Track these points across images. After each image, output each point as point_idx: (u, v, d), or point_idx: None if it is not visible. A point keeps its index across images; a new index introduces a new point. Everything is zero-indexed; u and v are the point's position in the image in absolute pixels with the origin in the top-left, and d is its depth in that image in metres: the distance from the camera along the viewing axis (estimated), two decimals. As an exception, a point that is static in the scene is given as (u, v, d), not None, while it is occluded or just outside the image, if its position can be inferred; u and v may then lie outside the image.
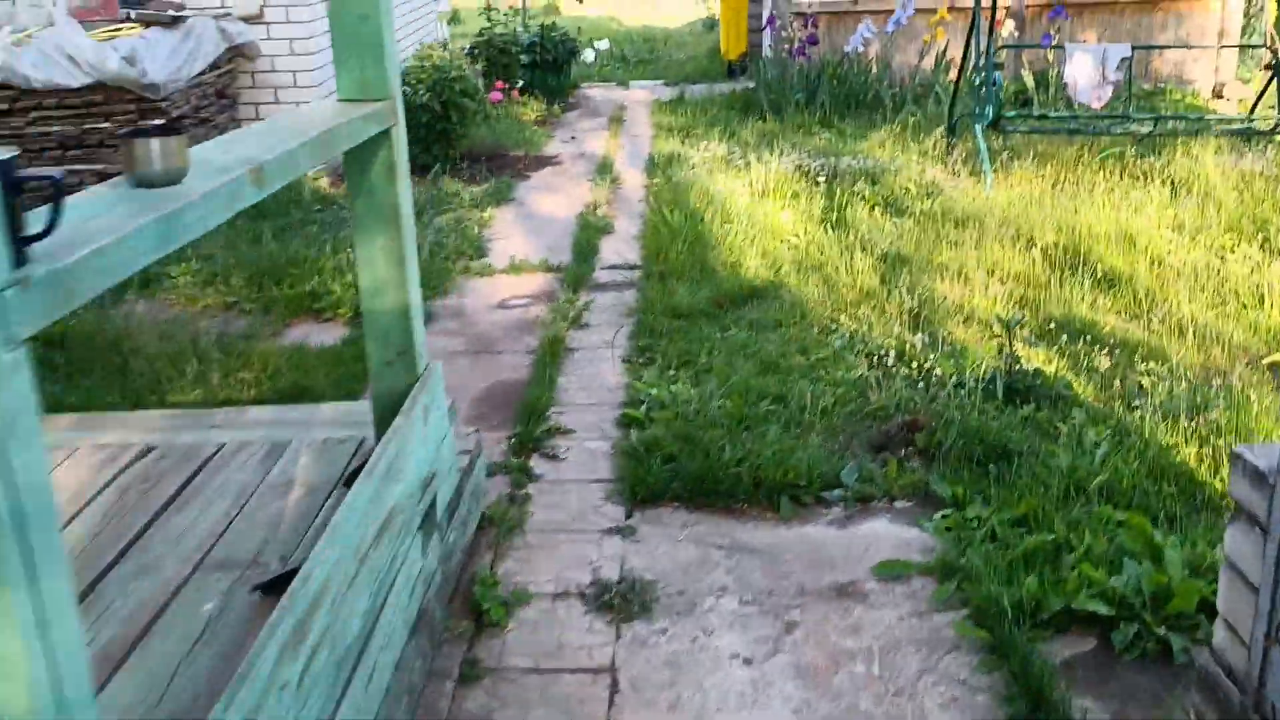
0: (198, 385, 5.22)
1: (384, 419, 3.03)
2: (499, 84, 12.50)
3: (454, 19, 12.32)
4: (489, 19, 13.68)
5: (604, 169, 9.88)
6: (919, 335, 5.53)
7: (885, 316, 5.89)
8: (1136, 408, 4.59)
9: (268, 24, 9.37)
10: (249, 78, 9.51)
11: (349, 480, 2.90)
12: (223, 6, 9.30)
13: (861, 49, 12.23)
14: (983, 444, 4.25)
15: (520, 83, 13.71)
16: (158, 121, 8.09)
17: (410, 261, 3.07)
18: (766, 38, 13.44)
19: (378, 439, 2.96)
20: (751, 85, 13.59)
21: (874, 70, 12.27)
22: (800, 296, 6.33)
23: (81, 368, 5.54)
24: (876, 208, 8.14)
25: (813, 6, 12.92)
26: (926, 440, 4.37)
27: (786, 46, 12.45)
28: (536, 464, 4.51)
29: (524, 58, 13.58)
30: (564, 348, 5.77)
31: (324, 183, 9.62)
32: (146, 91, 7.99)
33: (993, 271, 6.56)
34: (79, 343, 5.81)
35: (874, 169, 9.18)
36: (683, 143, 10.74)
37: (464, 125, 9.78)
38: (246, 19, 9.30)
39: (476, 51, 13.68)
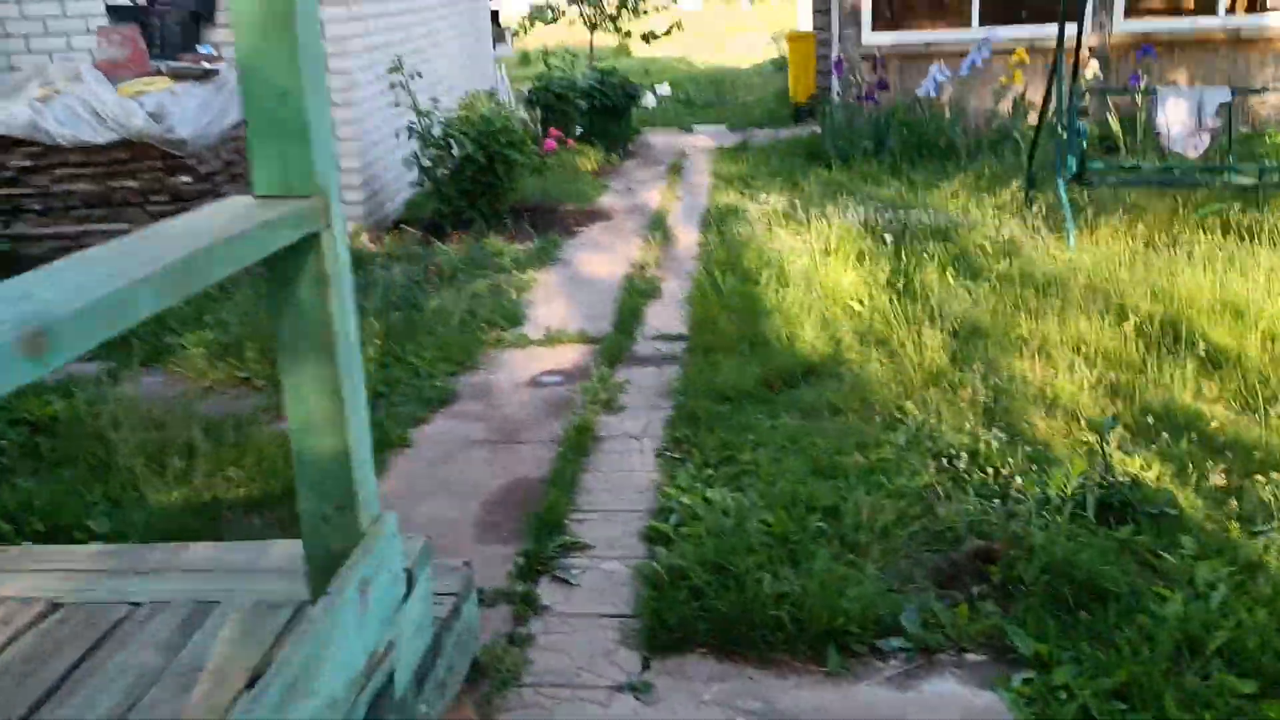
0: (181, 484, 4.66)
1: (320, 585, 2.41)
2: (554, 132, 11.97)
3: (524, 60, 11.87)
4: (546, 64, 13.20)
5: (657, 224, 9.27)
6: (994, 430, 4.80)
7: (956, 404, 5.17)
8: (1260, 533, 3.83)
9: (307, 75, 8.90)
10: (287, 130, 9.04)
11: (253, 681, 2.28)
12: (261, 57, 8.85)
13: (934, 93, 11.51)
14: (1071, 582, 3.52)
15: (579, 129, 13.19)
16: (185, 178, 7.65)
17: (353, 395, 2.46)
18: (834, 82, 12.78)
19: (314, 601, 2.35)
20: (818, 131, 12.92)
21: (946, 116, 11.54)
22: (861, 376, 5.63)
23: (66, 456, 5.02)
24: (948, 269, 7.41)
25: (882, 49, 12.23)
26: (1003, 573, 3.65)
27: (855, 91, 11.76)
28: (545, 590, 3.86)
29: (583, 104, 13.06)
30: (593, 437, 5.13)
31: (364, 239, 9.12)
32: (173, 148, 7.54)
33: (1079, 348, 5.81)
34: (69, 427, 5.30)
35: (946, 224, 8.46)
36: (742, 194, 10.10)
37: (511, 179, 9.24)
38: (285, 70, 8.84)
39: (534, 98, 13.22)
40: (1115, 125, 10.72)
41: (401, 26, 10.37)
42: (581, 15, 22.12)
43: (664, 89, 16.47)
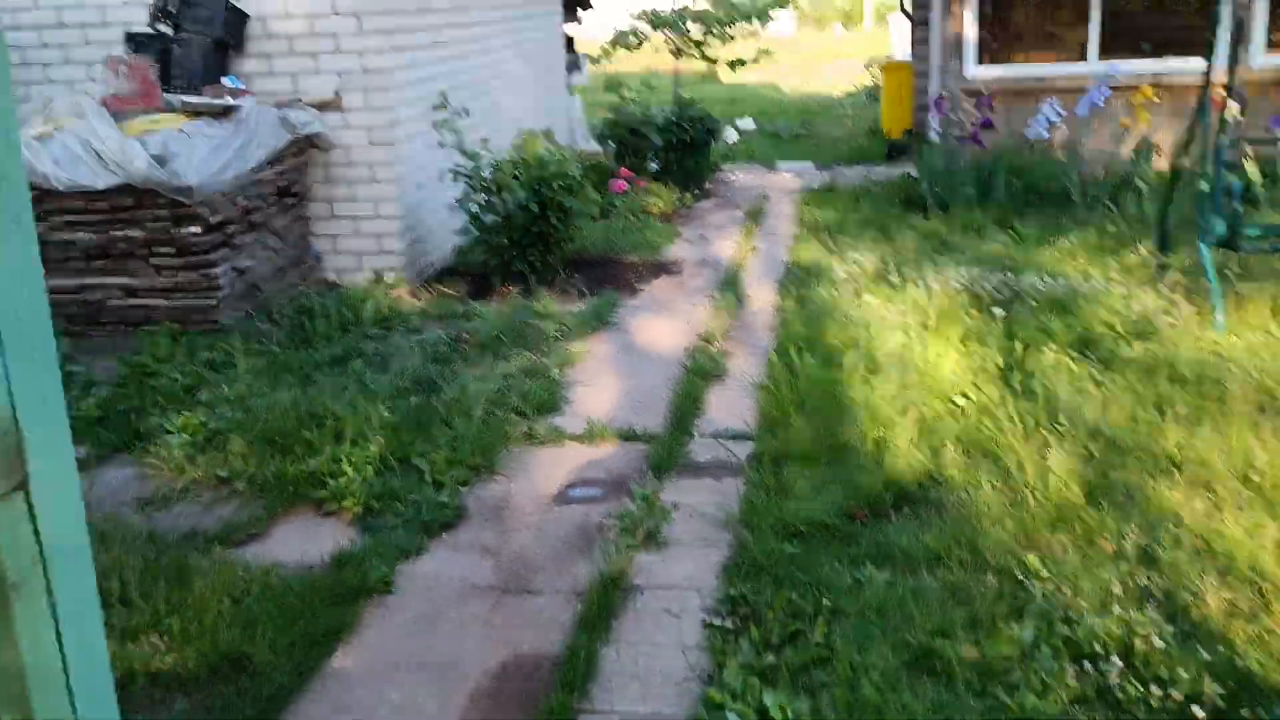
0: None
1: None
2: (623, 172, 10.91)
3: (610, 86, 10.91)
4: (620, 96, 12.15)
5: (729, 282, 8.14)
6: (1150, 608, 3.59)
7: (1095, 560, 3.97)
8: None
9: (345, 111, 7.96)
10: (321, 170, 8.11)
11: None
12: (295, 92, 7.94)
13: (1046, 134, 10.23)
14: None
15: (654, 166, 12.12)
16: (193, 229, 6.71)
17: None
18: (932, 119, 11.55)
19: None
20: (913, 173, 11.69)
21: (1061, 160, 10.25)
22: (968, 507, 4.45)
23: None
24: (1070, 352, 6.19)
25: (987, 84, 10.97)
26: None
27: (956, 131, 10.51)
28: None
29: (658, 139, 11.98)
30: (624, 588, 4.02)
31: (402, 292, 8.13)
32: (179, 195, 6.61)
33: (1247, 476, 4.56)
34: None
35: (1065, 292, 7.21)
36: (828, 247, 8.93)
37: (566, 229, 8.18)
38: (321, 106, 7.92)
39: (606, 132, 12.19)
40: (1255, 174, 9.35)
41: (458, 56, 9.39)
42: (666, 41, 21.17)
43: (747, 123, 15.33)
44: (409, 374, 6.04)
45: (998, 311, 6.69)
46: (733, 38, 20.86)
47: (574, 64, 15.13)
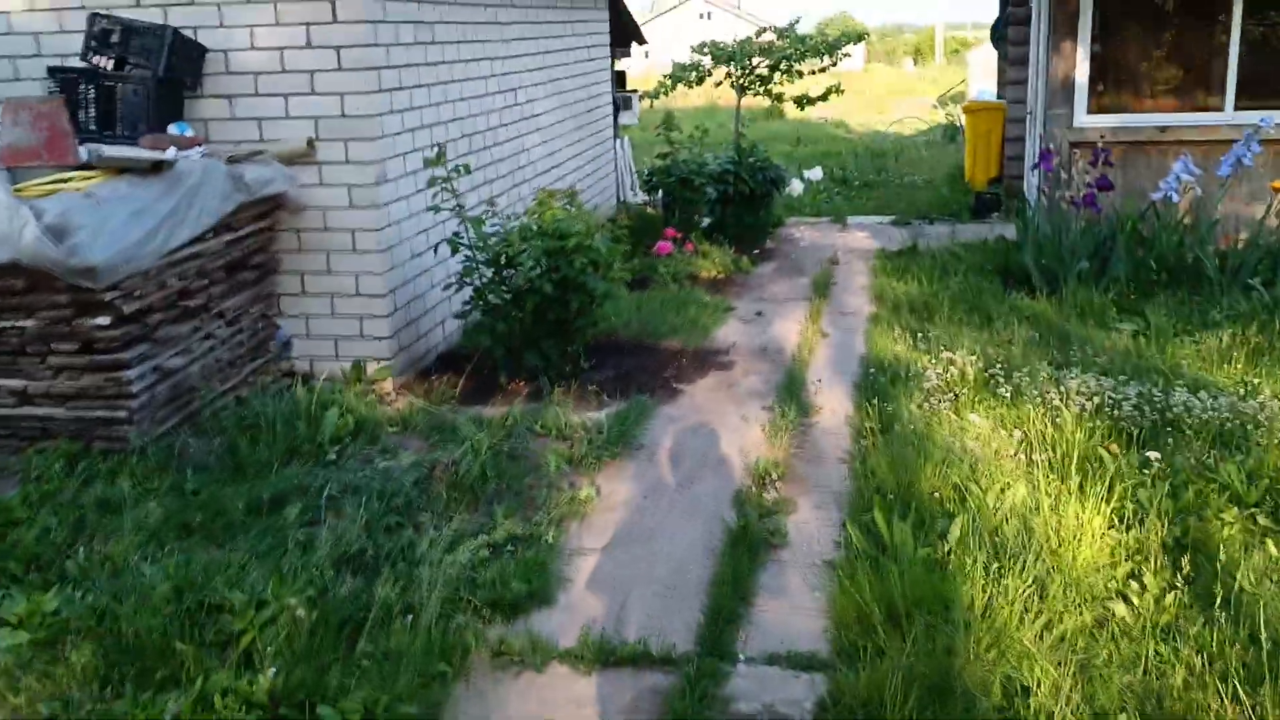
0: None
1: None
2: (669, 232, 9.24)
3: (670, 123, 9.36)
4: (669, 140, 10.51)
5: (791, 386, 6.41)
6: None
7: None
8: None
9: (319, 164, 6.38)
10: (293, 237, 6.52)
11: None
12: (261, 140, 6.37)
13: (1176, 196, 8.40)
14: None
15: (707, 221, 10.45)
16: (100, 320, 5.14)
17: None
18: (1033, 175, 9.75)
19: None
20: (1009, 235, 9.90)
21: (1190, 227, 8.41)
22: None
23: None
24: (1256, 520, 4.42)
25: (1103, 135, 9.16)
26: None
27: (1068, 195, 8.70)
28: None
29: (712, 190, 10.32)
30: None
31: (387, 388, 6.51)
32: (77, 277, 5.03)
33: None
34: None
35: (1226, 415, 5.41)
36: (914, 336, 7.17)
37: (590, 316, 6.52)
38: (291, 158, 6.34)
39: (654, 180, 10.55)
40: None
41: (469, 97, 7.79)
42: (729, 76, 19.54)
43: (815, 173, 13.56)
44: (353, 536, 4.38)
45: (1151, 455, 4.90)
46: (800, 73, 19.22)
47: (624, 102, 13.53)
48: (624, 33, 13.77)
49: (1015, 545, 4.27)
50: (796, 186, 12.51)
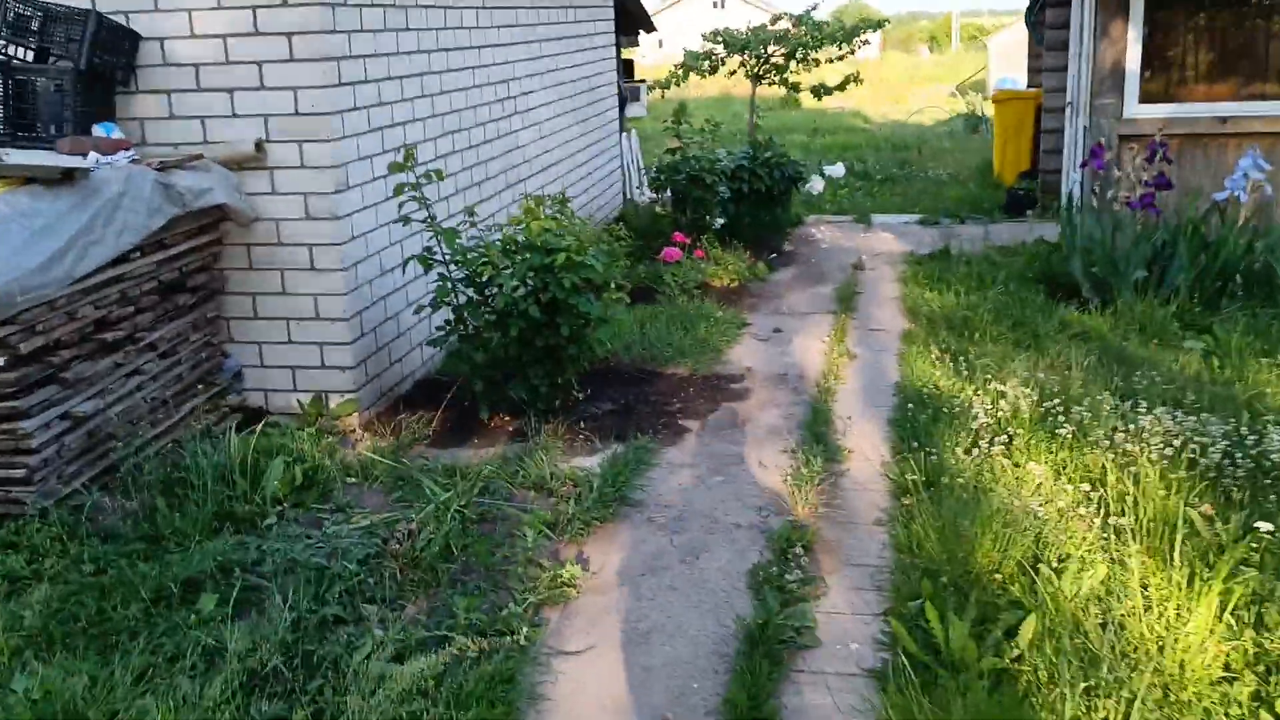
0: None
1: None
2: (677, 237, 8.32)
3: (679, 116, 8.44)
4: (677, 134, 9.58)
5: (816, 422, 5.49)
6: None
7: None
8: None
9: (271, 169, 5.48)
10: (243, 254, 5.63)
11: None
12: (205, 142, 5.47)
13: (1244, 195, 7.44)
14: None
15: (720, 222, 9.52)
16: (-5, 360, 4.25)
17: None
18: (1076, 173, 8.79)
19: None
20: (1048, 237, 8.97)
21: (1266, 231, 7.44)
22: None
23: None
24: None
25: (1159, 127, 8.18)
26: None
27: (1123, 196, 7.72)
28: None
29: (724, 189, 9.39)
30: None
31: (352, 423, 5.64)
32: (-38, 311, 4.15)
33: None
34: None
35: (1344, 466, 4.48)
36: (954, 359, 6.24)
37: (583, 342, 5.60)
38: (239, 163, 5.45)
39: (662, 178, 9.62)
40: None
41: (449, 91, 6.89)
42: (743, 65, 18.55)
43: (836, 170, 12.54)
44: (274, 643, 3.48)
45: (1263, 528, 3.97)
46: (818, 62, 18.22)
47: (631, 94, 12.59)
48: (631, 20, 12.84)
49: (1101, 647, 3.35)
50: (817, 184, 11.56)
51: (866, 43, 17.35)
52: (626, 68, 13.50)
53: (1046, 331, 6.75)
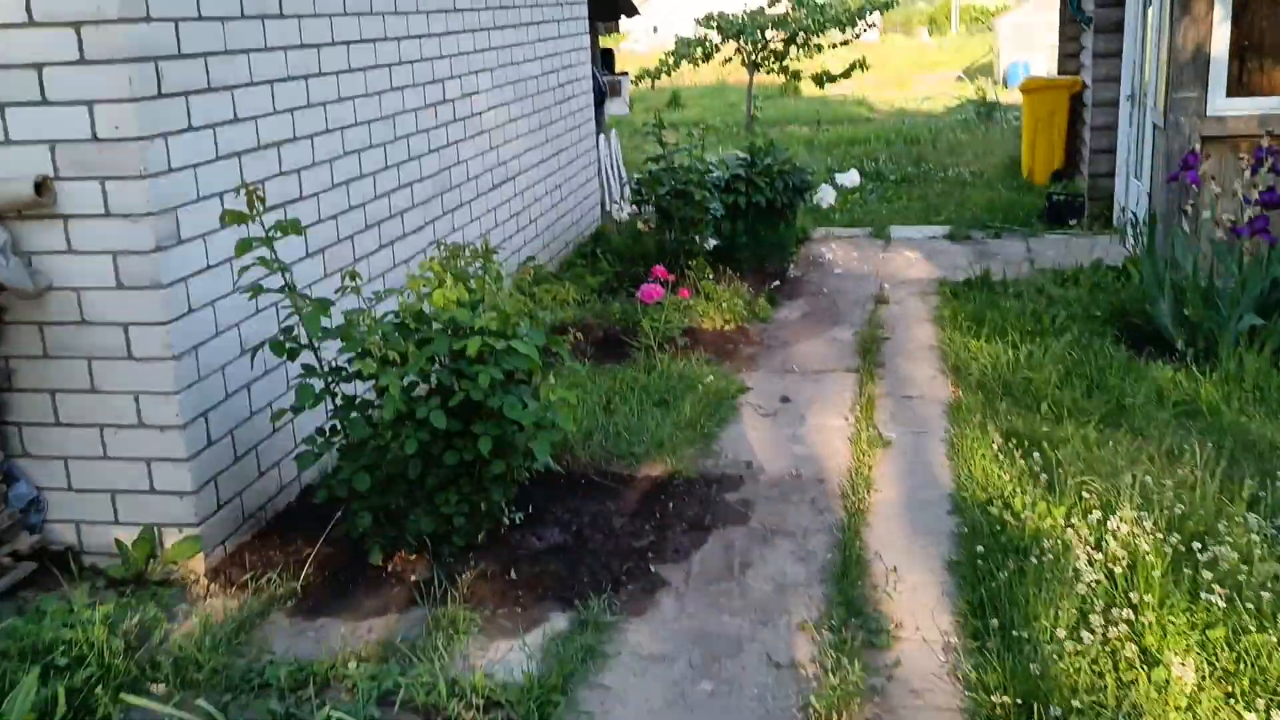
0: None
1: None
2: (658, 272, 6.59)
3: (660, 121, 6.66)
4: (660, 140, 7.85)
5: (846, 575, 3.77)
6: None
7: None
8: None
9: (64, 218, 3.76)
10: (34, 336, 3.91)
11: None
12: (-26, 177, 3.75)
13: (1377, 216, 5.72)
14: None
15: (712, 243, 7.80)
16: None
17: None
18: (1134, 180, 7.05)
19: None
20: (1105, 256, 7.27)
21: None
22: None
23: None
24: None
25: (1271, 130, 6.43)
26: None
27: (1229, 219, 5.98)
28: None
29: (717, 205, 7.67)
30: None
31: (196, 569, 3.95)
32: None
33: None
34: None
35: None
36: (1024, 449, 4.53)
37: (512, 451, 3.88)
38: (14, 211, 3.73)
39: (643, 193, 7.91)
40: None
41: (350, 93, 5.18)
42: (740, 52, 16.81)
43: (850, 178, 10.67)
44: None
45: None
46: (820, 47, 16.47)
47: (611, 88, 10.84)
48: (609, 3, 11.07)
49: None
50: (827, 194, 9.78)
51: (872, 25, 15.63)
52: (605, 58, 11.75)
53: (1137, 402, 5.04)
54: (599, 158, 9.64)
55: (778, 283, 7.65)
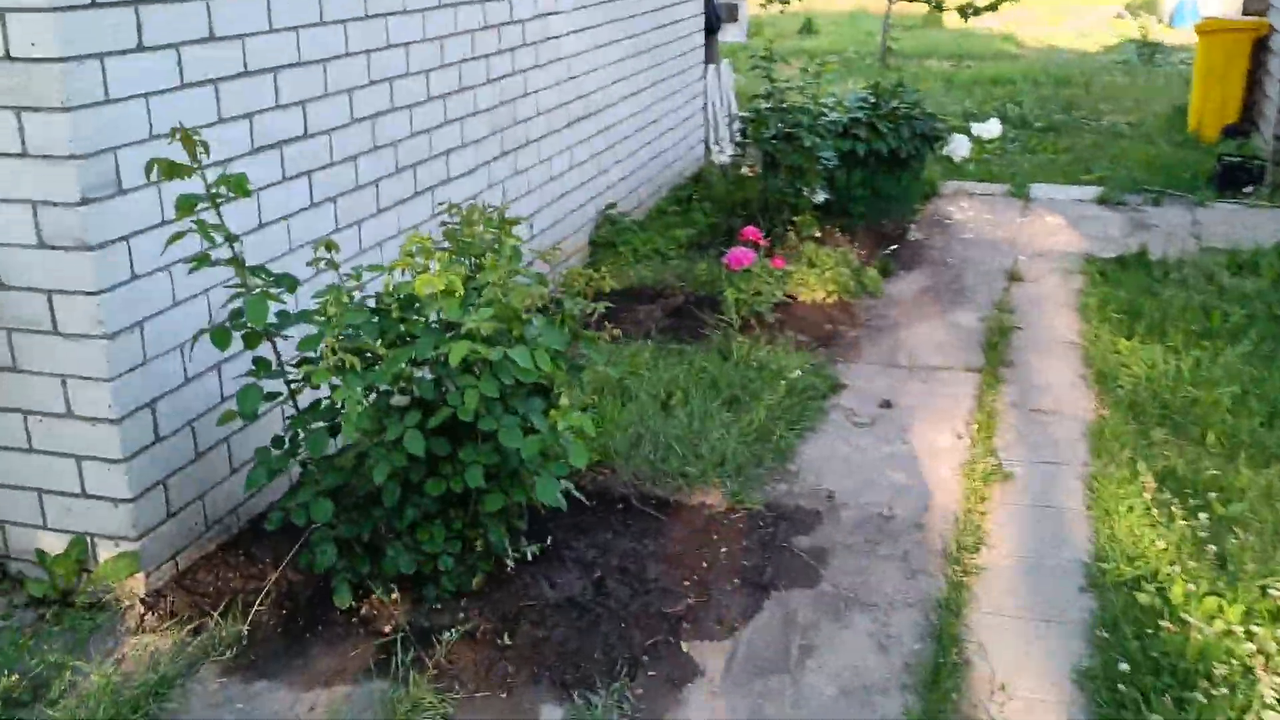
0: None
1: None
2: (749, 233, 5.60)
3: (806, 29, 5.63)
4: (768, 75, 6.80)
5: (938, 680, 2.80)
6: None
7: None
8: None
9: (-22, 155, 2.97)
10: (-49, 297, 3.16)
11: None
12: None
13: None
14: None
15: (821, 196, 6.74)
16: None
17: None
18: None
19: None
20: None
21: None
22: None
23: None
24: None
25: None
26: None
27: None
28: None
29: (829, 152, 6.62)
30: None
31: (137, 586, 3.19)
32: None
33: None
34: None
35: None
36: (1186, 506, 3.48)
37: (515, 484, 3.00)
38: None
39: (746, 135, 6.91)
40: None
41: (376, 9, 4.29)
42: (877, -24, 15.39)
43: (990, 127, 9.29)
44: None
45: None
46: (968, -26, 14.97)
47: (726, 12, 9.71)
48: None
49: None
50: (961, 145, 8.54)
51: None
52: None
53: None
54: (706, 90, 8.59)
55: (894, 247, 6.58)
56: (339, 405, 2.81)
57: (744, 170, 7.78)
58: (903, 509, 3.67)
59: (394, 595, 3.14)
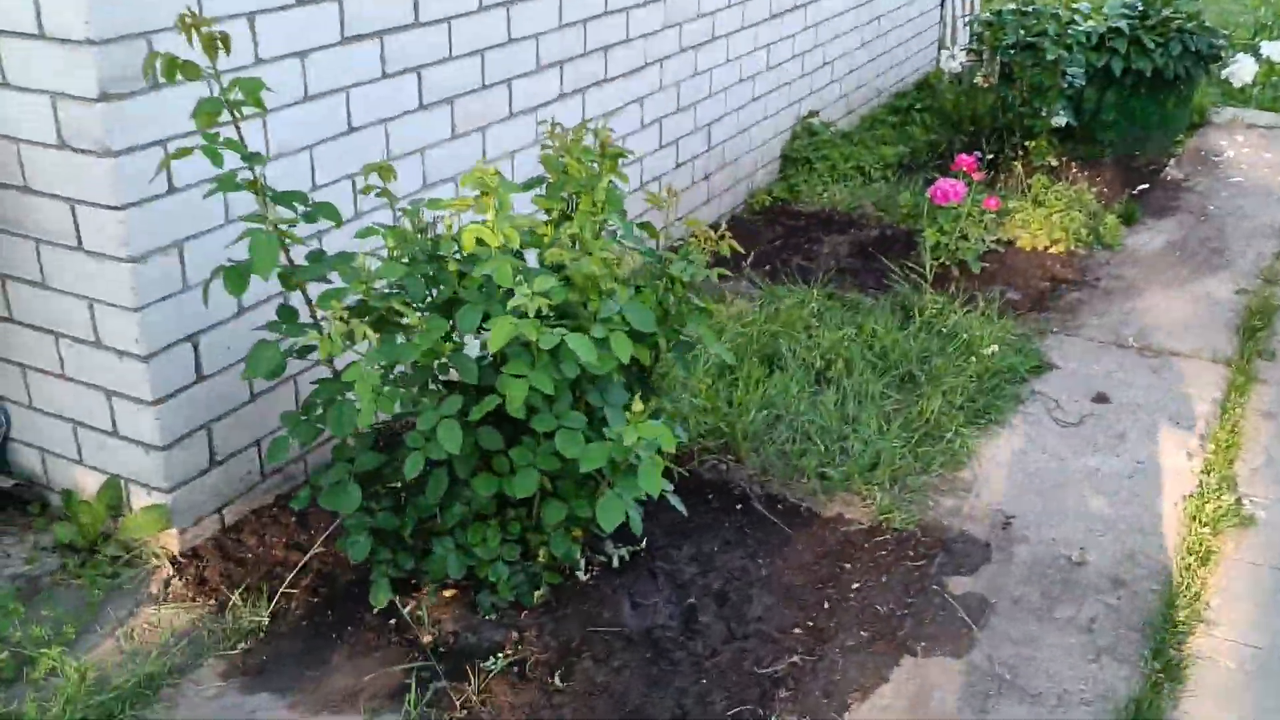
0: None
1: None
2: (963, 161, 4.65)
3: None
4: (1012, -26, 5.72)
5: None
6: None
7: None
8: None
9: (-2, 33, 2.49)
10: (-15, 194, 2.73)
11: None
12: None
13: None
14: None
15: (1061, 119, 5.69)
16: None
17: None
18: None
19: None
20: None
21: None
22: None
23: None
24: None
25: None
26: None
27: None
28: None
29: (1075, 68, 5.55)
30: None
31: (170, 542, 2.76)
32: None
33: None
34: None
35: None
36: None
37: (578, 495, 2.36)
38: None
39: (981, 42, 5.92)
40: None
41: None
42: None
43: (1277, 48, 7.68)
44: None
45: None
46: None
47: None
48: None
49: None
50: (1245, 66, 7.03)
51: None
52: None
53: None
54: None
55: (1144, 186, 5.48)
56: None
57: (978, 80, 6.70)
58: (1098, 554, 2.83)
59: (444, 595, 2.59)
